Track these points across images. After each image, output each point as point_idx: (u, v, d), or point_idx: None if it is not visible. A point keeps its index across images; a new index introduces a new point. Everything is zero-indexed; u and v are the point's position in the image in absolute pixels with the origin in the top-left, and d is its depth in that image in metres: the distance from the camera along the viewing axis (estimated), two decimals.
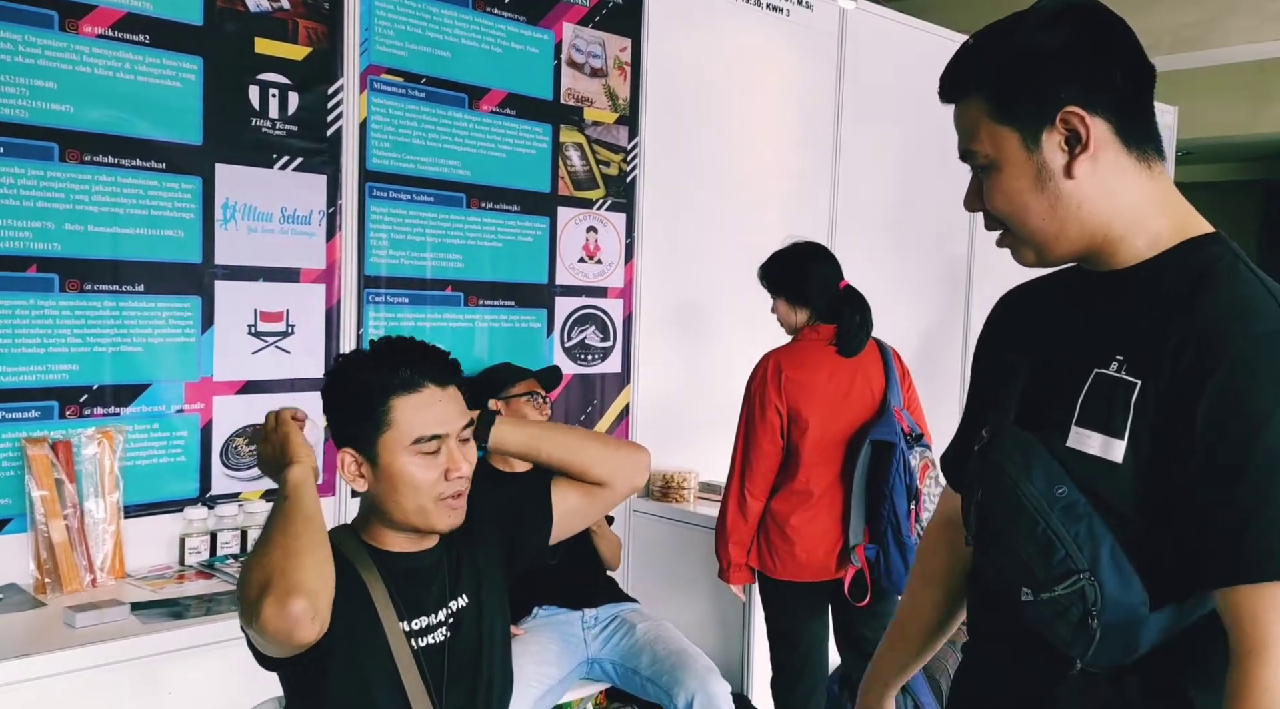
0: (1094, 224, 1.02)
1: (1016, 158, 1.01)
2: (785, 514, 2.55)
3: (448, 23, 2.80)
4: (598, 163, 3.16)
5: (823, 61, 3.82)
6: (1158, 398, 0.95)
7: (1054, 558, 0.99)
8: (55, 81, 2.17)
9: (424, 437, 1.34)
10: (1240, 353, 0.92)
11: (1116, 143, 1.01)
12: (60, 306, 2.21)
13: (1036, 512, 0.99)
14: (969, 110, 1.04)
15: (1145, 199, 1.02)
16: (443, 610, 1.41)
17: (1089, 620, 0.97)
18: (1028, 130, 1.00)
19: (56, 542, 2.13)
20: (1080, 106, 0.98)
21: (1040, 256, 1.06)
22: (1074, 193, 1.01)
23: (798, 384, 2.52)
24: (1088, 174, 1.00)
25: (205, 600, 2.11)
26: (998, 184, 1.03)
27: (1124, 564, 0.97)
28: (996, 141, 1.02)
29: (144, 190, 2.30)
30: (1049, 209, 1.01)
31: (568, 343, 3.13)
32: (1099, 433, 0.98)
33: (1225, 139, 7.08)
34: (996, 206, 1.05)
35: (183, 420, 2.39)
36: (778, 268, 2.64)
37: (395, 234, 2.73)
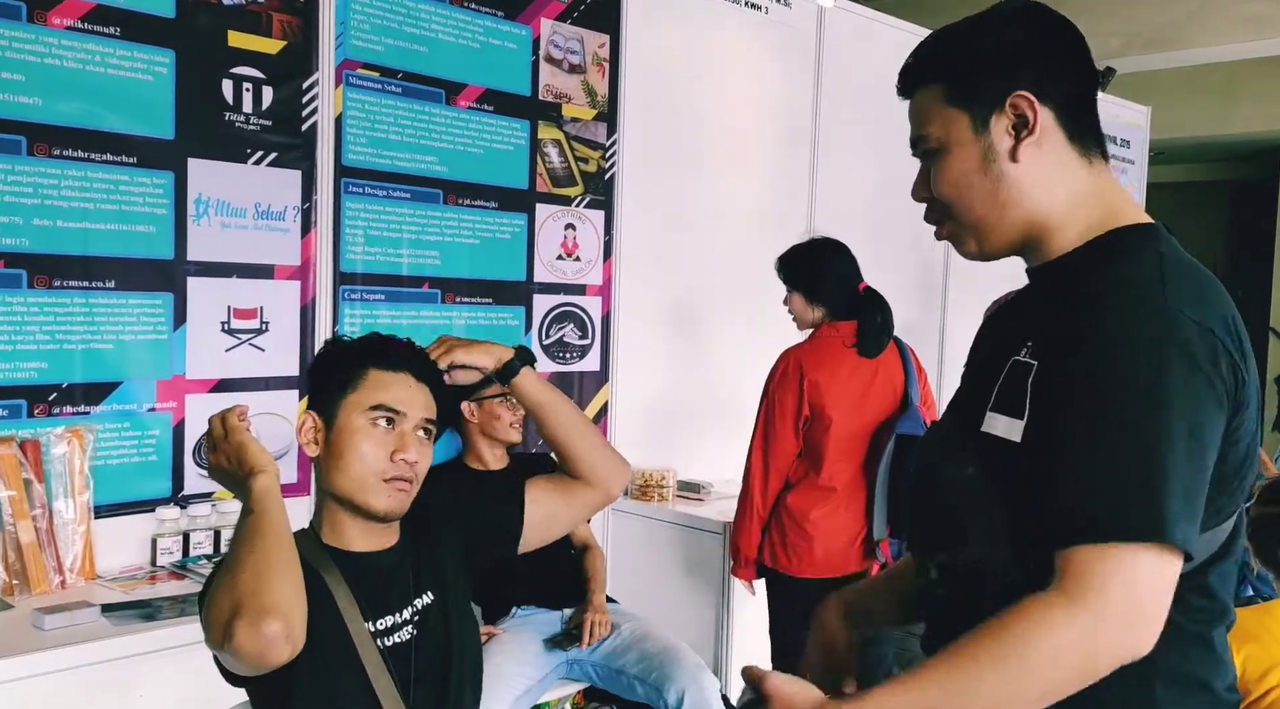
0: (1033, 212, 1.05)
1: (965, 139, 1.05)
2: (805, 510, 2.54)
3: (424, 17, 2.78)
4: (576, 160, 3.15)
5: (801, 59, 3.83)
6: (1044, 373, 0.99)
7: (950, 527, 1.07)
8: (23, 74, 2.13)
9: (383, 404, 1.35)
10: (1104, 316, 0.95)
11: (1061, 134, 1.05)
12: (29, 303, 2.17)
13: (944, 489, 1.08)
14: (923, 98, 1.09)
15: (1082, 192, 1.06)
16: (408, 609, 1.40)
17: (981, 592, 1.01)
18: (978, 113, 1.04)
19: (25, 542, 2.09)
20: (1031, 93, 1.02)
21: (980, 245, 1.10)
22: (1017, 177, 1.04)
23: (819, 383, 2.51)
24: (1031, 160, 1.04)
25: (178, 602, 2.07)
26: (944, 167, 1.07)
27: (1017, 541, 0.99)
28: (947, 124, 1.06)
29: (115, 185, 2.26)
30: (991, 193, 1.05)
31: (546, 341, 3.11)
32: (1004, 415, 1.02)
33: (1196, 139, 7.16)
34: (942, 190, 1.08)
35: (154, 419, 2.35)
36: (796, 263, 2.63)
37: (371, 230, 2.70)
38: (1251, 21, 5.29)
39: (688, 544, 3.08)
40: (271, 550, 1.21)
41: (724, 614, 2.99)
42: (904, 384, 2.61)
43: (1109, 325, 0.95)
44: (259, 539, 1.21)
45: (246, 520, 1.24)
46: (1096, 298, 0.97)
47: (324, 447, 1.37)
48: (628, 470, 1.57)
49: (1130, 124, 5.72)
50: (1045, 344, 1.00)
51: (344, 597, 1.34)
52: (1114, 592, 0.88)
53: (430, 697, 1.39)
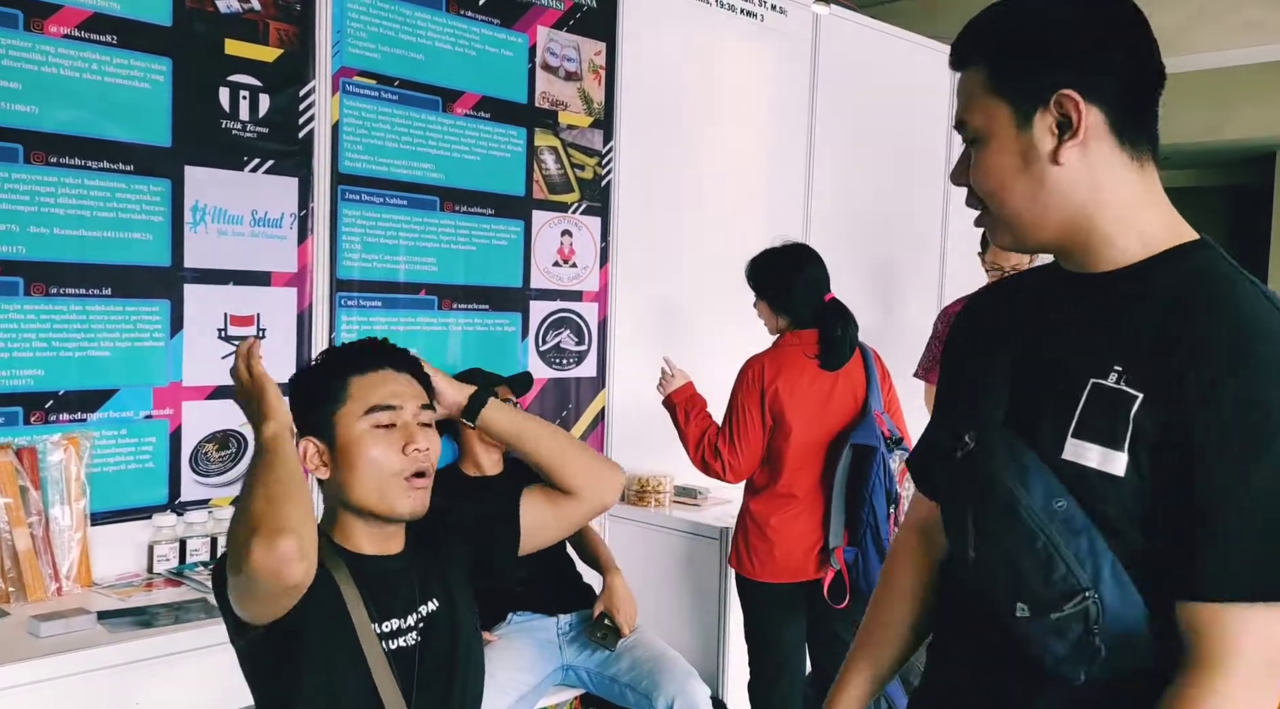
0: (1077, 216, 0.99)
1: (1005, 134, 0.99)
2: (766, 515, 2.56)
3: (421, 25, 2.79)
4: (572, 166, 3.16)
5: (796, 66, 3.84)
6: (1161, 411, 0.93)
7: (1055, 574, 0.96)
8: (20, 82, 2.14)
9: (378, 405, 1.36)
10: (1250, 371, 0.90)
11: (1110, 136, 0.97)
12: (25, 310, 2.17)
13: (1036, 526, 0.96)
14: (969, 79, 1.02)
15: (1134, 198, 0.99)
16: (413, 614, 1.40)
17: (1091, 638, 0.95)
18: (1020, 107, 0.98)
19: (21, 550, 2.09)
20: (1077, 91, 0.95)
21: (1017, 240, 1.03)
22: (1059, 180, 0.98)
23: (781, 390, 2.52)
24: (1075, 162, 0.97)
25: (174, 609, 2.07)
26: (984, 159, 1.01)
27: (1124, 579, 0.95)
28: (989, 114, 0.99)
29: (111, 192, 2.27)
30: (1031, 193, 0.99)
31: (542, 347, 3.12)
32: (1098, 445, 0.95)
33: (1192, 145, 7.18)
34: (979, 182, 1.02)
35: (151, 426, 2.36)
36: (763, 271, 2.63)
37: (368, 237, 2.71)
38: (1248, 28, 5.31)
39: (685, 549, 3.09)
40: (283, 481, 1.24)
41: (721, 619, 2.99)
42: (865, 391, 2.61)
43: (1252, 370, 0.90)
44: (269, 472, 1.25)
45: (260, 458, 1.28)
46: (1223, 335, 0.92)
47: (332, 466, 1.38)
48: (619, 478, 1.56)
49: None
50: (1153, 377, 0.94)
51: (352, 596, 1.35)
52: (1259, 655, 0.89)
53: (433, 704, 1.39)
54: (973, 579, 1.07)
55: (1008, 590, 1.00)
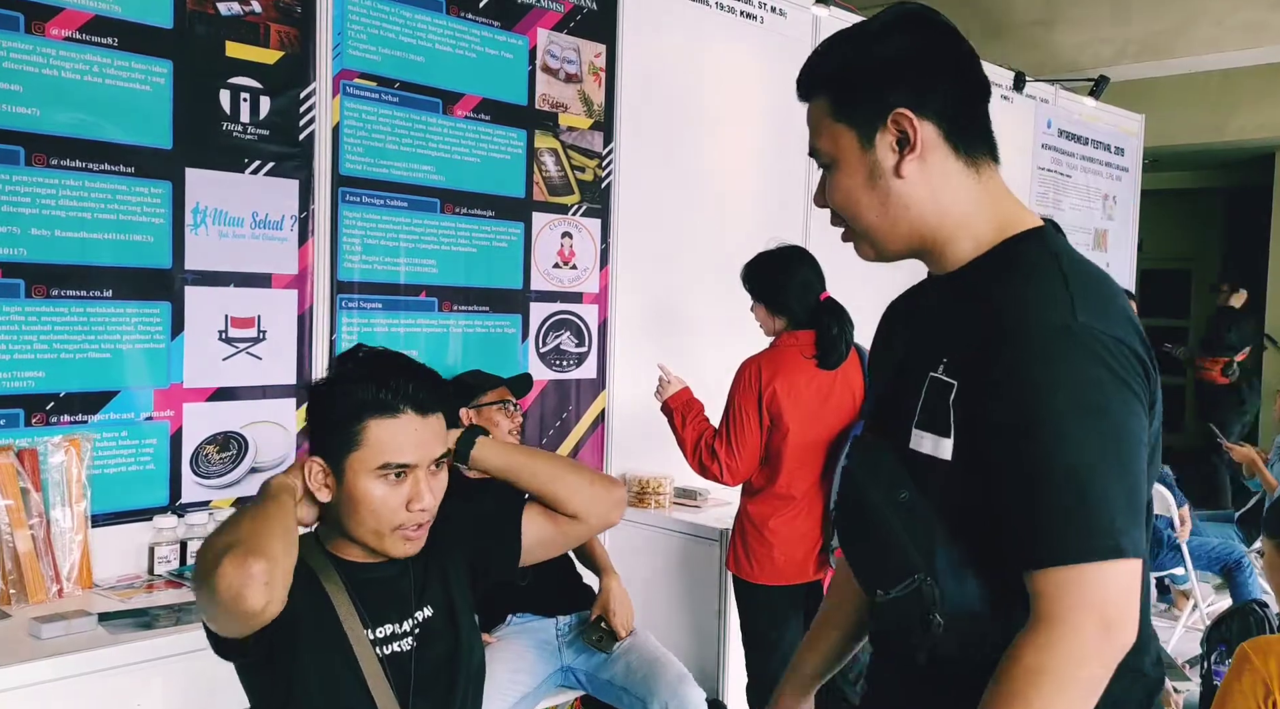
0: (922, 224, 1.07)
1: (852, 156, 1.07)
2: (764, 517, 2.56)
3: (421, 28, 2.79)
4: (573, 168, 3.16)
5: (796, 67, 3.83)
6: (969, 396, 1.00)
7: (890, 559, 1.05)
8: (21, 84, 2.14)
9: (392, 463, 1.31)
10: (1020, 346, 0.97)
11: (945, 146, 1.05)
12: (26, 312, 2.17)
13: (878, 516, 1.06)
14: (815, 109, 1.10)
15: (971, 202, 1.07)
16: (408, 620, 1.39)
17: (930, 618, 1.02)
18: (863, 130, 1.06)
19: (22, 551, 2.09)
20: (910, 109, 1.03)
21: (877, 251, 1.12)
22: (903, 192, 1.06)
23: (777, 392, 2.52)
24: (916, 174, 1.05)
25: (175, 610, 2.08)
26: (836, 181, 1.09)
27: (960, 563, 1.02)
28: (835, 139, 1.08)
29: (113, 195, 2.27)
30: (880, 206, 1.07)
31: (543, 348, 3.12)
32: (930, 433, 1.03)
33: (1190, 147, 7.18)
34: (835, 202, 1.10)
35: (152, 428, 2.36)
36: (758, 274, 2.64)
37: (368, 239, 2.71)
38: (1245, 29, 5.32)
39: (685, 551, 3.09)
40: (273, 517, 1.24)
41: (721, 620, 2.99)
42: (863, 391, 2.62)
43: (1022, 347, 0.97)
44: (262, 510, 1.26)
45: (258, 500, 1.29)
46: (1009, 319, 0.99)
47: (335, 494, 1.35)
48: (621, 497, 1.54)
49: (1125, 132, 5.74)
50: (963, 364, 1.01)
51: (344, 604, 1.34)
52: (1089, 610, 0.94)
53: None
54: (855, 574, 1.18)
55: (865, 579, 1.12)
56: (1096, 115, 5.46)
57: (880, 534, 1.06)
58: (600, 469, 3.27)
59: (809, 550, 2.57)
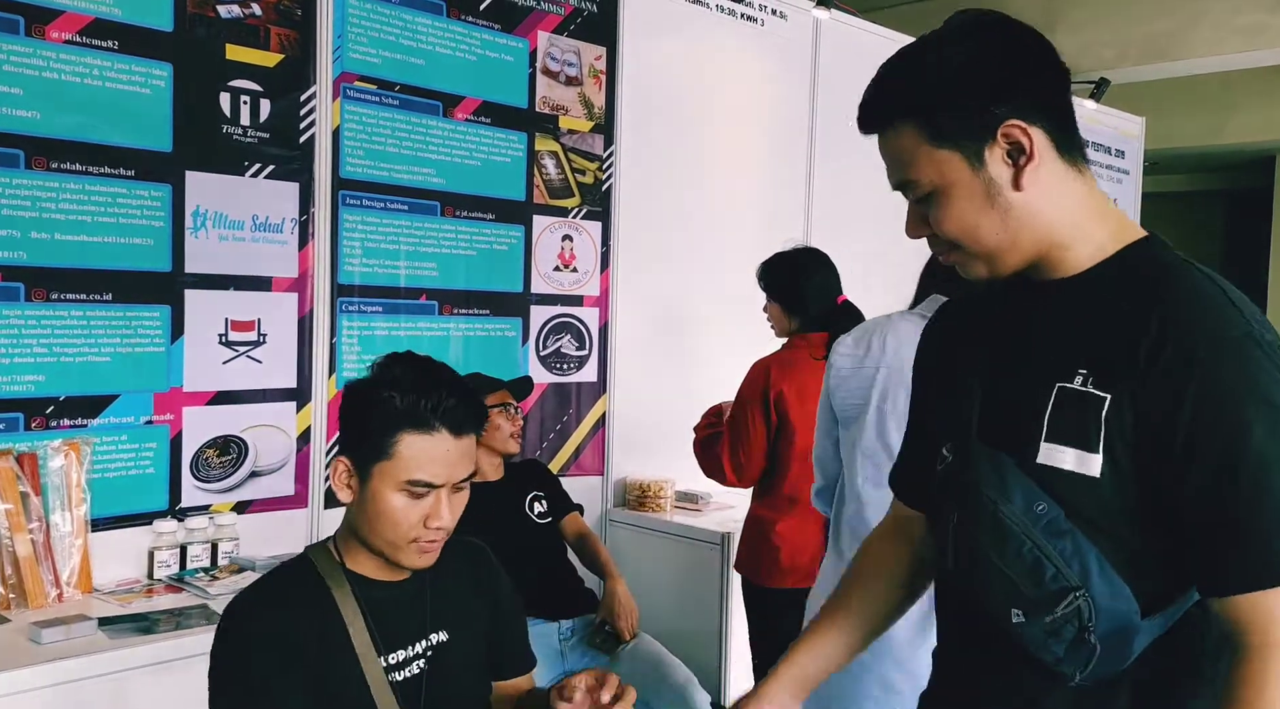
0: (1043, 233, 1.02)
1: (963, 179, 1.00)
2: (772, 520, 2.54)
3: (421, 30, 2.79)
4: (573, 171, 3.16)
5: (797, 70, 3.84)
6: (1132, 408, 0.94)
7: (1045, 577, 0.97)
8: (21, 87, 2.14)
9: (418, 481, 1.28)
10: (1215, 360, 0.92)
11: (1052, 150, 1.01)
12: (26, 316, 2.17)
13: (1021, 532, 0.98)
14: (900, 139, 1.03)
15: (1083, 205, 1.03)
16: (421, 642, 1.36)
17: (1086, 636, 0.97)
18: (970, 150, 0.99)
19: (21, 556, 2.09)
20: (1019, 117, 0.98)
21: (992, 270, 1.05)
22: (1024, 204, 1.00)
23: (786, 393, 2.50)
24: (1033, 184, 1.00)
25: (175, 615, 2.07)
26: (946, 210, 1.02)
27: (1111, 575, 0.97)
28: (939, 166, 1.01)
29: (112, 198, 2.27)
30: (1001, 223, 1.01)
31: (543, 352, 3.12)
32: (1072, 447, 0.97)
33: (1191, 149, 7.19)
34: (948, 231, 1.04)
35: (152, 432, 2.35)
36: (776, 272, 2.62)
37: (369, 242, 2.70)
38: (1245, 32, 5.32)
39: (686, 554, 3.08)
40: None
41: (723, 624, 2.98)
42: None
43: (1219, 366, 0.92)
44: None
45: None
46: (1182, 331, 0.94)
47: (356, 496, 1.32)
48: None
49: (1125, 134, 5.74)
50: (1117, 376, 0.96)
51: (358, 627, 1.31)
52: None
53: None
54: (965, 589, 1.08)
55: (1001, 598, 1.02)
56: (1097, 118, 5.46)
57: (1024, 551, 0.98)
58: (601, 472, 3.27)
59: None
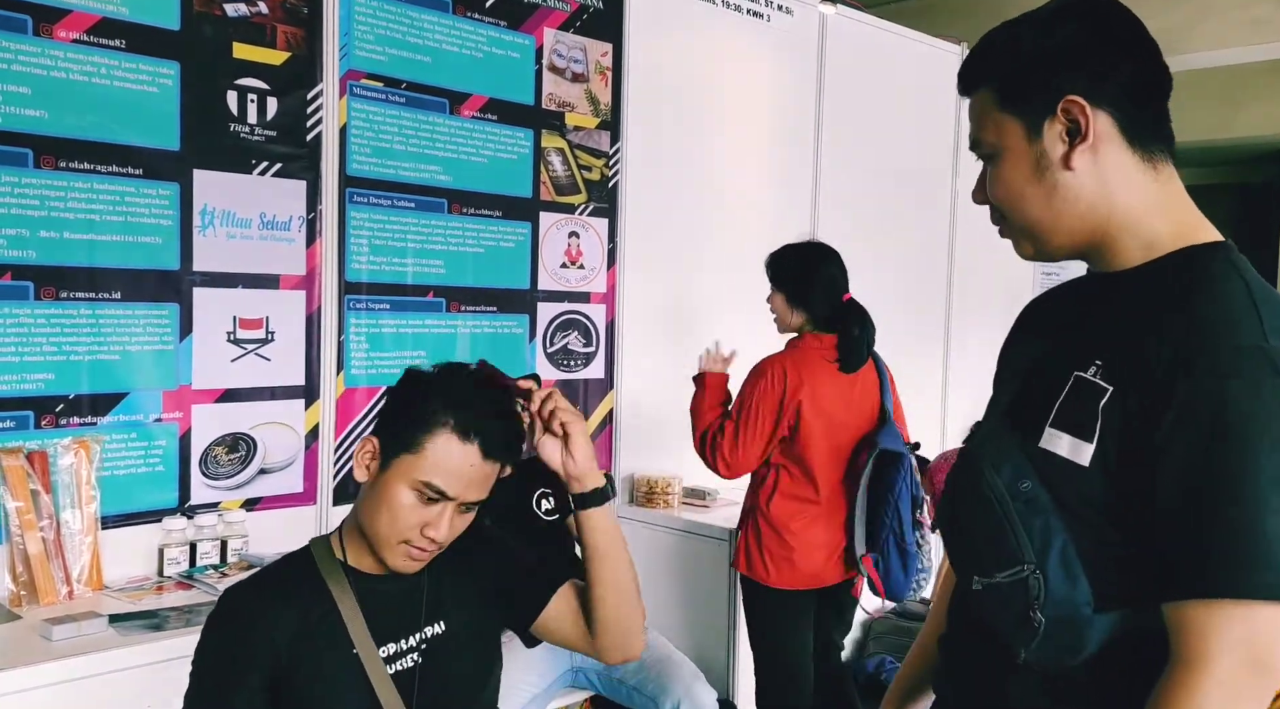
0: (1091, 220, 1.02)
1: (1018, 146, 1.03)
2: (786, 520, 2.53)
3: (428, 28, 2.79)
4: (579, 168, 3.15)
5: (803, 66, 3.83)
6: (1128, 404, 0.95)
7: (1002, 545, 1.00)
8: (29, 87, 2.14)
9: (433, 484, 1.27)
10: (1211, 367, 0.91)
11: (1120, 139, 1.01)
12: (35, 315, 2.18)
13: (997, 499, 1.01)
14: (979, 101, 1.07)
15: (1145, 200, 1.02)
16: (415, 635, 1.36)
17: (1031, 613, 0.99)
18: (1030, 119, 1.02)
19: (32, 553, 2.10)
20: (1082, 97, 0.99)
21: (1037, 248, 1.07)
22: (1071, 185, 1.01)
23: (804, 395, 2.48)
24: (1087, 167, 1.00)
25: (185, 612, 2.08)
26: (999, 173, 1.05)
27: (1073, 563, 0.98)
28: (1001, 130, 1.04)
29: (121, 196, 2.27)
30: (1045, 199, 1.02)
31: (550, 348, 3.12)
32: (1068, 434, 0.99)
33: (1199, 143, 7.16)
34: (996, 195, 1.06)
35: (161, 429, 2.36)
36: (784, 263, 2.60)
37: (376, 240, 2.71)
38: (1253, 25, 5.30)
39: (693, 550, 3.09)
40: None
41: (730, 620, 2.98)
42: (879, 396, 2.60)
43: (1207, 367, 0.91)
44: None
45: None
46: (1188, 332, 0.93)
47: (371, 479, 1.32)
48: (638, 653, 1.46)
49: None
50: (1124, 371, 0.96)
51: (356, 621, 1.31)
52: (1238, 651, 0.88)
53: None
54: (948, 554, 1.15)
55: (966, 563, 1.08)
56: None
57: (994, 519, 1.01)
58: (609, 468, 3.27)
59: (828, 555, 2.55)
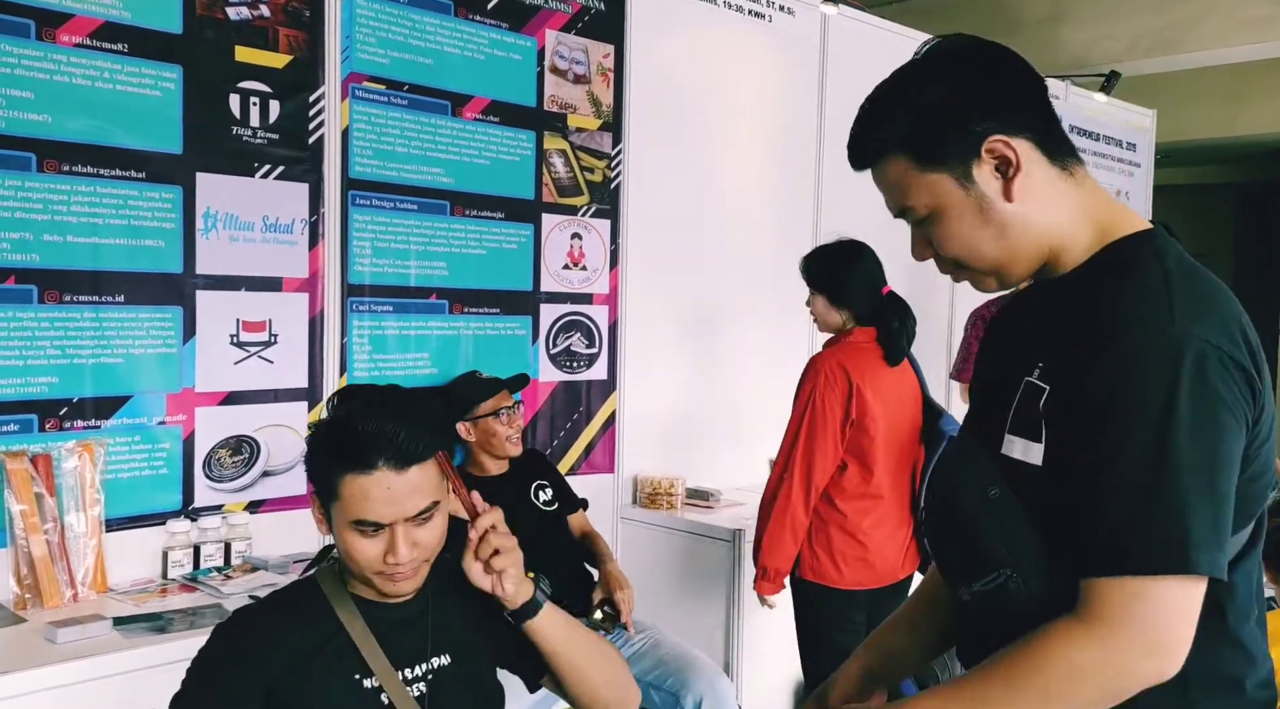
0: (1042, 239, 1.04)
1: (955, 199, 1.03)
2: (859, 518, 2.47)
3: (430, 30, 2.79)
4: (582, 169, 3.16)
5: (805, 67, 3.83)
6: (1058, 401, 0.99)
7: (978, 553, 1.03)
8: (32, 91, 2.15)
9: (363, 521, 1.25)
10: (1111, 347, 0.94)
11: (1041, 158, 1.03)
12: (39, 318, 2.18)
13: (969, 511, 1.05)
14: (891, 170, 1.06)
15: (1074, 208, 1.05)
16: (422, 664, 1.35)
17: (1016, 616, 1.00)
18: (959, 169, 1.02)
19: (37, 556, 2.10)
20: (1002, 132, 1.01)
21: (1002, 282, 1.09)
22: (1018, 214, 1.03)
23: (863, 390, 2.45)
24: (1025, 193, 1.02)
25: (189, 614, 2.08)
26: (945, 230, 1.05)
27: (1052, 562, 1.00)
28: (931, 190, 1.04)
29: (124, 200, 2.28)
30: (998, 237, 1.04)
31: (553, 350, 3.12)
32: (1020, 438, 1.02)
33: (1202, 142, 7.15)
34: (951, 251, 1.07)
35: (164, 432, 2.36)
36: (821, 264, 2.58)
37: (379, 242, 2.71)
38: (1255, 23, 5.29)
39: (697, 552, 3.08)
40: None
41: (734, 621, 2.98)
42: (920, 387, 2.60)
43: (1119, 353, 0.93)
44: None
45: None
46: (1104, 321, 0.96)
47: (329, 531, 1.32)
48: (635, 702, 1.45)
49: (1136, 127, 5.71)
50: (1056, 368, 1.00)
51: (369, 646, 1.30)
52: (1132, 625, 0.91)
53: None
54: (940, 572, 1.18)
55: (953, 575, 1.11)
56: (1108, 111, 5.43)
57: (969, 530, 1.04)
58: (612, 471, 3.27)
59: (898, 549, 2.53)
